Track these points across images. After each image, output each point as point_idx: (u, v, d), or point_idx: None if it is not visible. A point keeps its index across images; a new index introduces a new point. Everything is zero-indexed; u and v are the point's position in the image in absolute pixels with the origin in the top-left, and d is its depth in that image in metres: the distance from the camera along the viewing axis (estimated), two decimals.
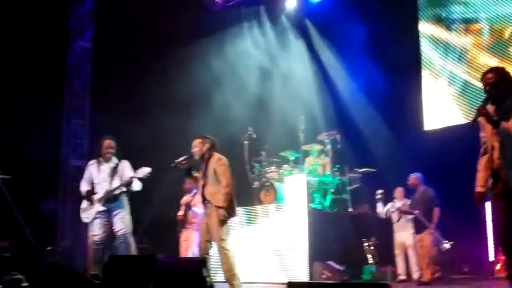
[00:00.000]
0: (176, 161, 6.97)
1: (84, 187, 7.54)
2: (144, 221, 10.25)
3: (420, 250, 8.76)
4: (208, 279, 4.69)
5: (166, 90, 11.06)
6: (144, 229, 10.34)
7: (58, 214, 12.56)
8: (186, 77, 11.20)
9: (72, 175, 12.60)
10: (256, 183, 9.88)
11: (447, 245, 8.63)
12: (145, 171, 7.20)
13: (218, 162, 6.80)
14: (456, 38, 10.77)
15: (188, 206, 8.73)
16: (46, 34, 11.64)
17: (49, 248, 12.14)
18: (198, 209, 8.25)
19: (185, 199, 8.83)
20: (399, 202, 9.29)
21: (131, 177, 7.26)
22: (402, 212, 9.12)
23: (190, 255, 8.35)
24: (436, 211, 8.67)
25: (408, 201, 9.14)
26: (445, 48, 10.90)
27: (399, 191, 9.38)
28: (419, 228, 8.77)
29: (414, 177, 9.06)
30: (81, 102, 12.82)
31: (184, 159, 6.96)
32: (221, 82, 11.67)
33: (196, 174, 7.08)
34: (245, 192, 8.50)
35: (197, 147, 6.90)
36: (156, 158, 7.98)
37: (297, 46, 11.73)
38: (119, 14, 11.47)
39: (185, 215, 8.72)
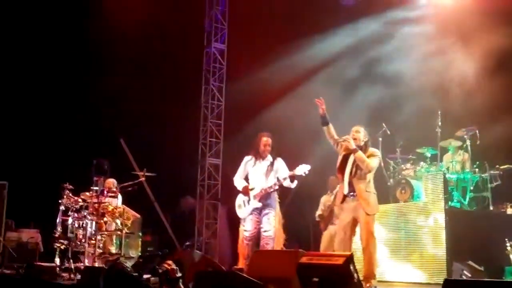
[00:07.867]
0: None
1: (239, 182, 7.67)
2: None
3: None
4: (355, 275, 4.69)
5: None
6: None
7: (196, 211, 13.12)
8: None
9: (209, 173, 13.12)
10: (391, 181, 9.74)
11: None
12: (304, 168, 7.18)
13: (372, 157, 6.71)
14: None
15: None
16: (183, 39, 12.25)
17: (187, 243, 12.74)
18: None
19: (327, 197, 8.87)
20: None
21: (291, 175, 7.28)
22: None
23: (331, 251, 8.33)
24: None
25: None
26: None
27: None
28: None
29: None
30: (217, 103, 13.33)
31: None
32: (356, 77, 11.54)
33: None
34: (380, 190, 8.35)
35: (361, 134, 6.76)
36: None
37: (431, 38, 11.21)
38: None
39: (331, 211, 8.69)
